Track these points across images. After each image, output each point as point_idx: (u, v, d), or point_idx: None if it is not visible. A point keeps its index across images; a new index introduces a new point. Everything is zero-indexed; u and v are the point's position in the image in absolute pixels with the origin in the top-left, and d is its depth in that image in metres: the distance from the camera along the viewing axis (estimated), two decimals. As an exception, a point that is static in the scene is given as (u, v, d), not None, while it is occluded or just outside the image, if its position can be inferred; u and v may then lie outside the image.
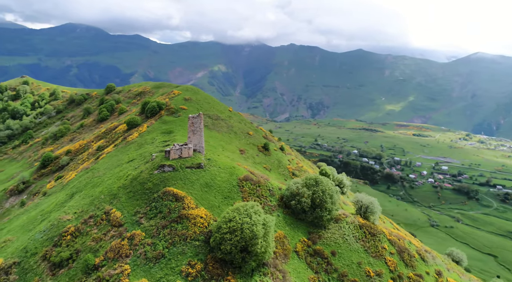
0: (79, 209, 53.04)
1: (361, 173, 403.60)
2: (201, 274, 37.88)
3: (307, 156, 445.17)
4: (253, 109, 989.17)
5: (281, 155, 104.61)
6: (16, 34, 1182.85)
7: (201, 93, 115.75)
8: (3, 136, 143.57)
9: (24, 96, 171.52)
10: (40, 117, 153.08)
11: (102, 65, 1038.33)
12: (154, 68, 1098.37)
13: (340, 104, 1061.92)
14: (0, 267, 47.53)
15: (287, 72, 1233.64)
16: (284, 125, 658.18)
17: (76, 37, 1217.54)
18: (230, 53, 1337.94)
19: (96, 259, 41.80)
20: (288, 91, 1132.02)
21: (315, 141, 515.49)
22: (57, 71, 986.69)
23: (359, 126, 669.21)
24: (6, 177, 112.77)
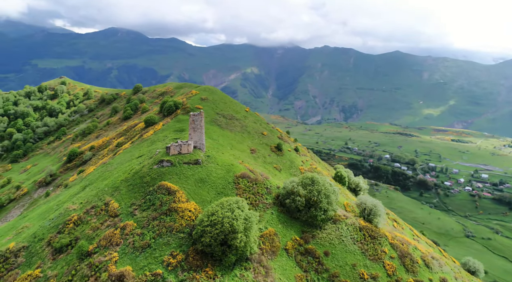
0: (85, 200, 56.46)
1: (392, 178, 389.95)
2: (181, 265, 39.18)
3: (336, 159, 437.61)
4: (284, 112, 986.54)
5: (294, 155, 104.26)
6: (64, 38, 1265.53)
7: (218, 93, 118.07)
8: (40, 132, 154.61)
9: (61, 95, 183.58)
10: (74, 115, 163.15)
11: (140, 68, 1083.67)
12: (189, 70, 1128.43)
13: (375, 108, 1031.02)
14: (11, 250, 51.76)
15: (320, 74, 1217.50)
16: (314, 128, 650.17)
17: (117, 41, 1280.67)
18: (263, 56, 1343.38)
19: (90, 246, 44.46)
20: (321, 94, 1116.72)
21: (345, 144, 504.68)
22: (99, 73, 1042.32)
23: (393, 131, 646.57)
24: (38, 170, 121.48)
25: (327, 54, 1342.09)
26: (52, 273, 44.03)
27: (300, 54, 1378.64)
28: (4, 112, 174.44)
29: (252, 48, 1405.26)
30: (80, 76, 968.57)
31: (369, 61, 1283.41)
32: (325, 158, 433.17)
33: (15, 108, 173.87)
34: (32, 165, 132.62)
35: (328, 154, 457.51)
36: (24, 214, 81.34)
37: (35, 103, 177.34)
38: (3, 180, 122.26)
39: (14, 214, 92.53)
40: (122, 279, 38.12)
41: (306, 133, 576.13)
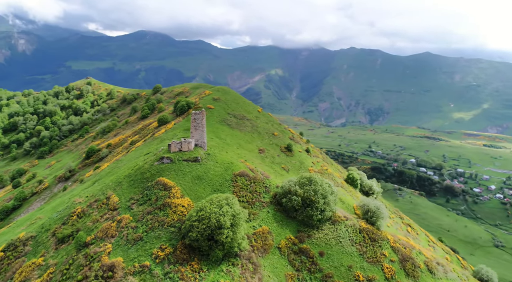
0: (90, 194, 58.96)
1: (417, 183, 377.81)
2: (168, 258, 40.24)
3: (358, 162, 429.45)
4: (308, 114, 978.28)
5: (305, 156, 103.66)
6: (96, 41, 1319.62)
7: (231, 94, 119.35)
8: (65, 130, 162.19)
9: (86, 95, 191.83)
10: (97, 114, 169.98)
11: (166, 69, 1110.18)
12: (213, 72, 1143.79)
13: (402, 111, 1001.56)
14: (20, 239, 54.90)
15: (346, 76, 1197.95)
16: (337, 131, 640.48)
17: (146, 43, 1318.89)
18: (288, 57, 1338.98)
19: (88, 238, 46.49)
20: (346, 96, 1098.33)
21: (369, 148, 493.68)
22: (127, 75, 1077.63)
23: (420, 134, 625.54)
24: (61, 166, 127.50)
25: (353, 55, 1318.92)
26: (53, 262, 46.40)
27: (326, 55, 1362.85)
28: (34, 111, 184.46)
29: (276, 49, 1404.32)
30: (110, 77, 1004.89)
31: (397, 63, 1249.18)
32: (347, 160, 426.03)
33: (44, 107, 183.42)
34: (56, 161, 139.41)
35: (350, 157, 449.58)
36: (41, 206, 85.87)
37: (62, 103, 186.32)
38: (28, 175, 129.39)
39: (35, 207, 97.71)
40: (113, 270, 39.63)
41: (329, 136, 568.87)
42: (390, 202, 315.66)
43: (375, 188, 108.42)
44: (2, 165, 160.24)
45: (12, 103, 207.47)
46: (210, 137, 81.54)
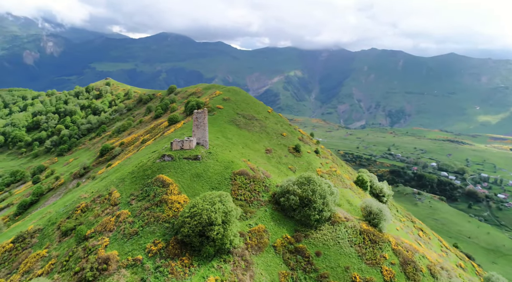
0: (96, 189, 60.92)
1: (438, 187, 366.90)
2: (160, 252, 41.15)
3: (377, 165, 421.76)
4: (327, 115, 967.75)
5: (313, 157, 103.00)
6: (120, 43, 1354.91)
7: (241, 94, 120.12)
8: (84, 129, 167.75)
9: (105, 95, 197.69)
10: (114, 114, 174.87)
11: (187, 71, 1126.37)
12: (233, 73, 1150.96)
13: (424, 113, 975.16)
14: (29, 232, 57.34)
15: (366, 78, 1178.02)
16: (356, 133, 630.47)
17: (167, 45, 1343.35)
18: (307, 59, 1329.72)
19: (88, 231, 48.10)
20: (366, 98, 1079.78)
21: (388, 150, 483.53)
22: (149, 76, 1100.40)
23: (442, 137, 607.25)
24: (77, 163, 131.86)
25: (374, 57, 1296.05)
26: (55, 254, 48.28)
27: (346, 57, 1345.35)
28: (56, 110, 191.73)
29: (296, 51, 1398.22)
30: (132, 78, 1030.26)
31: (420, 64, 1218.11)
32: (365, 163, 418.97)
33: (65, 107, 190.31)
34: (74, 158, 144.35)
35: (368, 160, 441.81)
36: (55, 202, 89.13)
37: (82, 102, 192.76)
38: (47, 171, 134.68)
39: (50, 202, 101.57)
40: (107, 262, 40.89)
41: (347, 138, 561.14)
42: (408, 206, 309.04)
43: (386, 191, 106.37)
44: (24, 161, 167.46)
45: (36, 102, 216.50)
46: (216, 137, 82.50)
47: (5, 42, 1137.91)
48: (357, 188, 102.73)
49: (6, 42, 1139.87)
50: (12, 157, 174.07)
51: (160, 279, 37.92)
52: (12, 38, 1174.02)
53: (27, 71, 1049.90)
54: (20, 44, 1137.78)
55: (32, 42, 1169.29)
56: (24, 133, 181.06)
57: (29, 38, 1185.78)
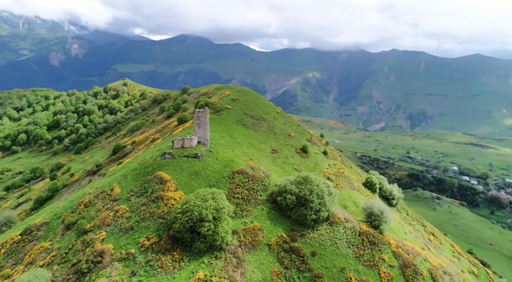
0: (100, 185, 62.80)
1: (458, 192, 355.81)
2: (152, 247, 42.09)
3: (395, 168, 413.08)
4: (345, 117, 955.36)
5: (321, 158, 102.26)
6: (141, 45, 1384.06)
7: (251, 95, 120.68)
8: (100, 128, 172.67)
9: (121, 95, 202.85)
10: (130, 113, 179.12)
11: (205, 72, 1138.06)
12: (250, 75, 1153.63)
13: (447, 115, 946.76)
14: (36, 225, 59.74)
15: (386, 79, 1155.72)
16: (374, 135, 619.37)
17: (186, 47, 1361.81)
18: (326, 60, 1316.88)
19: (88, 225, 49.70)
20: (386, 100, 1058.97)
21: (407, 153, 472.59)
22: (168, 77, 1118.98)
23: (465, 141, 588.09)
24: (92, 161, 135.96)
25: (395, 58, 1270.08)
26: (57, 246, 50.16)
27: (366, 58, 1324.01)
28: (75, 109, 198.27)
29: (314, 52, 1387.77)
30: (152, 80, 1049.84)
31: (443, 65, 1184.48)
32: (382, 166, 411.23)
33: (83, 106, 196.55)
34: (89, 156, 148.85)
35: (386, 162, 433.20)
36: (67, 197, 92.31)
37: (100, 102, 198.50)
38: (64, 168, 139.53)
39: (63, 197, 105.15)
40: (102, 255, 42.20)
41: (365, 140, 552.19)
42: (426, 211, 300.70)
43: (396, 193, 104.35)
44: (44, 158, 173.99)
45: (57, 102, 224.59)
46: (221, 136, 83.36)
47: (33, 45, 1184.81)
48: (365, 190, 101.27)
49: (35, 45, 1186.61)
50: (33, 154, 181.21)
51: (150, 273, 38.86)
52: (40, 41, 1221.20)
53: (53, 72, 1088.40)
54: (47, 47, 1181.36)
55: (58, 44, 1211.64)
56: (45, 132, 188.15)
57: (55, 41, 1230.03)
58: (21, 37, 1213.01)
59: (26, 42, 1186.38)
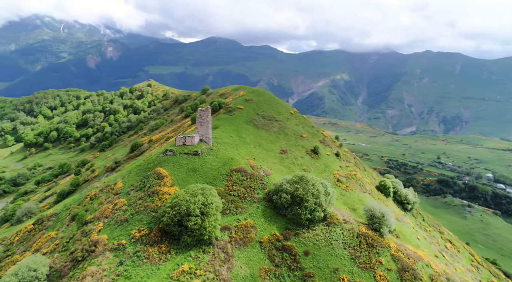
0: (107, 180, 65.67)
1: (492, 201, 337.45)
2: (142, 239, 43.63)
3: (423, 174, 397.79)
4: (374, 120, 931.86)
5: (333, 160, 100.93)
6: (171, 47, 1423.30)
7: (265, 95, 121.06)
8: (124, 127, 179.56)
9: (146, 96, 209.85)
10: (152, 113, 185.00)
11: (233, 74, 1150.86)
12: (277, 77, 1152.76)
13: (484, 120, 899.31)
14: (47, 215, 63.47)
15: (419, 81, 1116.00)
16: (402, 139, 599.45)
17: (215, 49, 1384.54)
18: (355, 62, 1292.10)
19: (88, 217, 52.24)
20: (417, 103, 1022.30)
21: (437, 159, 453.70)
22: (197, 79, 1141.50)
23: (503, 147, 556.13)
24: (112, 158, 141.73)
25: (428, 59, 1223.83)
26: (60, 235, 53.09)
27: (397, 59, 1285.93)
28: (102, 109, 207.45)
29: (343, 54, 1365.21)
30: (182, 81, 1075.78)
31: (480, 67, 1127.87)
32: (410, 171, 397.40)
33: (110, 106, 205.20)
34: (112, 154, 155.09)
35: (414, 167, 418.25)
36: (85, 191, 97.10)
37: (125, 102, 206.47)
38: (88, 165, 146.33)
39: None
40: (96, 245, 44.30)
41: (393, 144, 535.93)
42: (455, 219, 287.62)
43: (411, 198, 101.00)
44: (72, 155, 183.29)
45: (87, 102, 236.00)
46: (229, 135, 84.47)
47: (72, 48, 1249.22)
48: (378, 193, 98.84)
49: (73, 48, 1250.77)
50: (62, 151, 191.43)
51: (136, 263, 40.37)
52: (78, 44, 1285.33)
53: (89, 74, 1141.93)
54: (84, 49, 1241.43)
55: (94, 47, 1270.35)
56: (74, 130, 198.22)
57: (92, 44, 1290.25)
58: (61, 40, 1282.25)
59: (66, 46, 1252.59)
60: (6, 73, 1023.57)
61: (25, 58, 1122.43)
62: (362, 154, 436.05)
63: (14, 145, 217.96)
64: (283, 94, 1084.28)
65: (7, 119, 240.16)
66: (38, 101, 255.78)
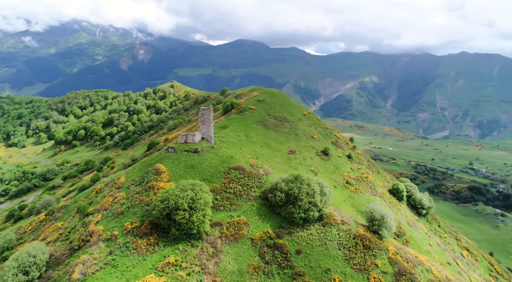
0: (114, 175, 68.51)
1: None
2: (133, 231, 45.29)
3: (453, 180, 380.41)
4: (403, 124, 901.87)
5: (344, 162, 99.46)
6: (200, 50, 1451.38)
7: (279, 96, 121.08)
8: (146, 126, 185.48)
9: (168, 97, 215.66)
10: (173, 113, 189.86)
11: (259, 76, 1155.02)
12: (304, 79, 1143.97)
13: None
14: (58, 207, 67.11)
15: (453, 84, 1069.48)
16: (432, 143, 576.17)
17: (242, 51, 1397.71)
18: (385, 63, 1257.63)
19: (90, 209, 54.82)
20: (451, 106, 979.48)
21: (470, 164, 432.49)
22: (224, 80, 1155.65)
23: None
24: (132, 156, 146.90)
25: (464, 61, 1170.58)
26: (65, 226, 56.08)
27: (430, 61, 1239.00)
28: (127, 109, 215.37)
29: (372, 56, 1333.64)
30: (210, 83, 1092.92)
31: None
32: (439, 177, 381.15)
33: (134, 106, 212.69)
34: (132, 152, 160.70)
35: (444, 173, 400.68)
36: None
37: (148, 103, 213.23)
38: (109, 162, 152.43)
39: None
40: (91, 235, 46.51)
41: (422, 148, 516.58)
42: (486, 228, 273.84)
43: (425, 203, 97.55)
44: (97, 152, 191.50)
45: (114, 102, 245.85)
46: (237, 135, 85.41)
47: (106, 51, 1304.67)
48: (390, 196, 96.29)
49: (107, 51, 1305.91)
50: (89, 148, 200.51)
51: (124, 253, 42.02)
52: (112, 47, 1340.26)
53: (121, 76, 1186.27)
54: (118, 52, 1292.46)
55: (127, 50, 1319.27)
56: (100, 129, 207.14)
57: (125, 47, 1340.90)
58: (97, 44, 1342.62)
59: (101, 49, 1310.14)
60: (47, 75, 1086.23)
61: (63, 61, 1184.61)
62: (389, 158, 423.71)
63: (46, 142, 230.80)
64: (310, 97, 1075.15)
65: (42, 118, 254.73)
66: (70, 101, 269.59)
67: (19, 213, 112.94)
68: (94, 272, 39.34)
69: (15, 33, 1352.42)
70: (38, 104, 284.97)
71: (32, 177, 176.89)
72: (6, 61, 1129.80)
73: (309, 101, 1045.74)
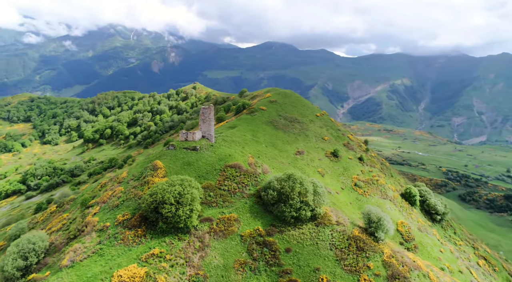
0: (119, 171, 71.44)
1: None
2: (123, 223, 47.19)
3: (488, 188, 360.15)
4: (437, 128, 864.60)
5: (354, 164, 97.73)
6: (228, 52, 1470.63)
7: (292, 97, 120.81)
8: (167, 126, 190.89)
9: (189, 98, 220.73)
10: (193, 114, 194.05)
11: (287, 78, 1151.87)
12: (333, 81, 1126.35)
13: None
14: (67, 200, 71.00)
15: (492, 87, 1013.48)
16: (467, 149, 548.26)
17: (271, 54, 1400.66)
18: (418, 66, 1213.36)
19: (91, 201, 57.62)
20: (490, 110, 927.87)
21: (507, 172, 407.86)
22: (251, 83, 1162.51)
23: None
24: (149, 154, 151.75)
25: (504, 62, 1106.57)
26: (69, 217, 59.28)
27: (467, 63, 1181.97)
28: (151, 109, 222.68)
29: (405, 57, 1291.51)
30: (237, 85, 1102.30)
31: None
32: (472, 184, 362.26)
33: (157, 107, 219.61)
34: (152, 150, 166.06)
35: (477, 180, 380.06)
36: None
37: (171, 103, 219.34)
38: (130, 160, 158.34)
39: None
40: (87, 225, 48.98)
41: (454, 154, 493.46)
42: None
43: (439, 208, 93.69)
44: (121, 151, 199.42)
45: (140, 103, 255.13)
46: (243, 134, 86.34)
47: (139, 54, 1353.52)
48: (401, 201, 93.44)
49: (140, 54, 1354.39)
50: (114, 147, 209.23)
51: (112, 243, 43.91)
52: (145, 50, 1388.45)
53: (153, 78, 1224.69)
54: (150, 55, 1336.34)
55: (159, 53, 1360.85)
56: (125, 128, 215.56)
57: (157, 50, 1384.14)
58: (131, 47, 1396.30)
59: (134, 52, 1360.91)
60: (84, 77, 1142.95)
61: (99, 63, 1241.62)
62: (418, 163, 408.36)
63: (76, 140, 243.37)
64: (338, 99, 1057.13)
65: (74, 117, 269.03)
66: (100, 102, 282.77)
67: (46, 206, 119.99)
68: (82, 260, 41.44)
69: (57, 37, 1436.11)
70: (71, 104, 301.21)
71: (61, 173, 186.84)
72: (48, 64, 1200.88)
73: (337, 104, 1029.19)
